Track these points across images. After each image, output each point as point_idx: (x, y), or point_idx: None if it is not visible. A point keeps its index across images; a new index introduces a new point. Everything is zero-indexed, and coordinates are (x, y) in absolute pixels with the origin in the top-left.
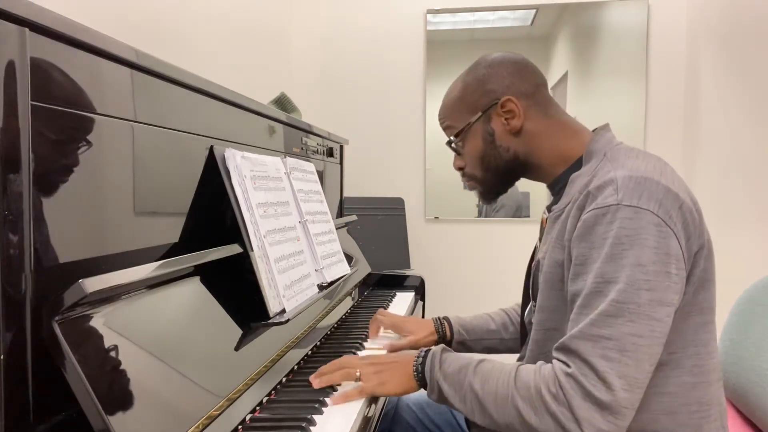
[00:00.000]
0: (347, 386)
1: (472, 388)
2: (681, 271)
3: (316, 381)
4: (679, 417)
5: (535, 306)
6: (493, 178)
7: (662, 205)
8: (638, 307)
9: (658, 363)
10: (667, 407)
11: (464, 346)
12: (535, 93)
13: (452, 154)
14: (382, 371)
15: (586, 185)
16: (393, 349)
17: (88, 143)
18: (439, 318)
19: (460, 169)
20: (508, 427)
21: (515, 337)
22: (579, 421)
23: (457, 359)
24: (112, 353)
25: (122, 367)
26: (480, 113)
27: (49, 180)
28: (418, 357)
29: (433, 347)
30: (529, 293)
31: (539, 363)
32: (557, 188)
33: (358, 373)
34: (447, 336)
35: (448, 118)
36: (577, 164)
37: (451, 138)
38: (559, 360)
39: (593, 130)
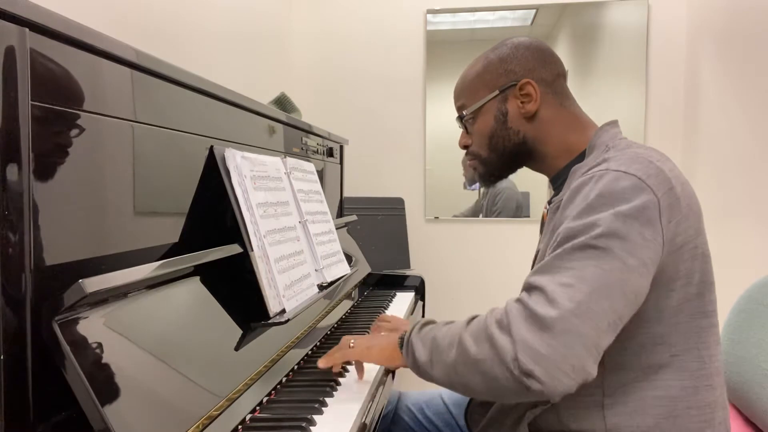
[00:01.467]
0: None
1: (435, 338)
2: (656, 243)
3: (321, 362)
4: (680, 421)
5: None
6: (497, 160)
7: (650, 176)
8: (610, 249)
9: (659, 364)
10: (669, 411)
11: None
12: (554, 82)
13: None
14: (372, 340)
15: (585, 172)
16: None
17: (88, 143)
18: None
19: (465, 147)
20: (454, 368)
21: None
22: (514, 341)
23: (433, 322)
24: (112, 353)
25: (122, 367)
26: (497, 91)
27: (49, 180)
28: (405, 331)
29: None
30: None
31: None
32: (558, 183)
33: (351, 343)
34: None
35: (464, 93)
36: (580, 157)
37: (464, 113)
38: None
39: (601, 126)
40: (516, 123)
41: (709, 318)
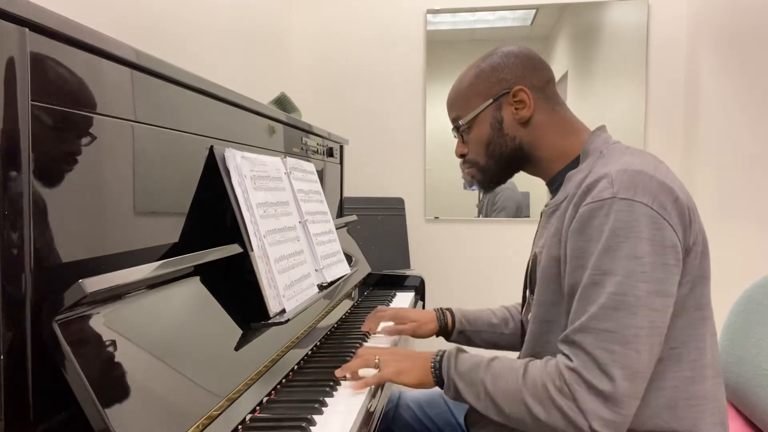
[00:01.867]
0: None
1: (484, 385)
2: (678, 262)
3: (339, 371)
4: (678, 411)
5: (532, 299)
6: (495, 166)
7: (656, 197)
8: (637, 299)
9: (660, 358)
10: (668, 401)
11: (464, 336)
12: (545, 87)
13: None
14: (401, 361)
15: (582, 180)
16: (394, 333)
17: (88, 143)
18: (441, 308)
19: (462, 156)
20: (521, 423)
21: (515, 333)
22: (585, 413)
23: (470, 357)
24: (112, 353)
25: (122, 367)
26: (491, 100)
27: (49, 180)
28: (436, 355)
29: (447, 349)
30: (527, 288)
31: (546, 358)
32: (555, 186)
33: (377, 360)
34: (449, 325)
35: (458, 103)
36: (575, 162)
37: (460, 123)
38: (563, 353)
39: (592, 131)
40: (511, 129)
41: (703, 311)
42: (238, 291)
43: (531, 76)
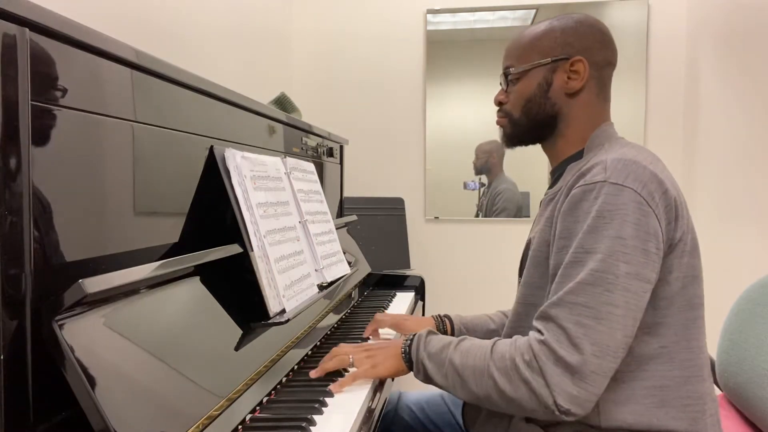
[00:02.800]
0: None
1: (452, 363)
2: (659, 251)
3: (313, 372)
4: (672, 411)
5: (520, 279)
6: (527, 124)
7: (646, 186)
8: (615, 278)
9: (650, 356)
10: (660, 401)
11: None
12: (604, 68)
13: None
14: (374, 355)
15: (579, 169)
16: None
17: (88, 143)
18: (440, 315)
19: (500, 103)
20: (488, 399)
21: None
22: (550, 387)
23: (440, 339)
24: (112, 353)
25: (122, 367)
26: (549, 60)
27: (48, 180)
28: (406, 340)
29: (418, 332)
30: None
31: (515, 336)
32: (556, 175)
33: (351, 359)
34: (447, 332)
35: (515, 52)
36: (579, 155)
37: (510, 71)
38: (535, 329)
39: (599, 127)
40: (556, 96)
41: (695, 311)
42: (238, 291)
43: (596, 52)
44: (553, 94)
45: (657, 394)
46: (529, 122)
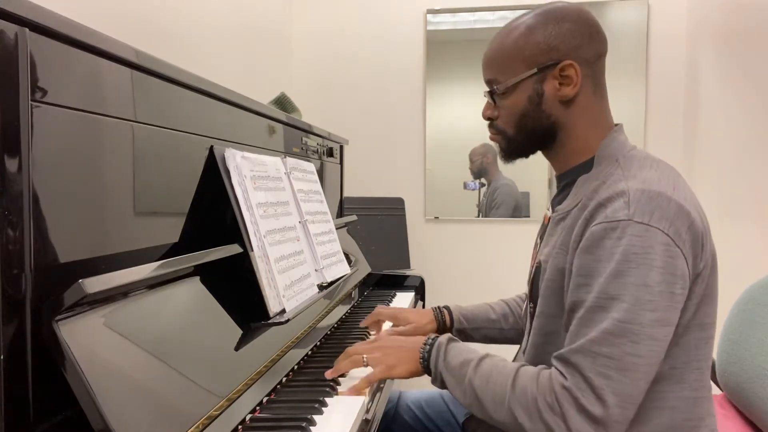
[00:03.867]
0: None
1: (472, 385)
2: (684, 290)
3: (328, 372)
4: (678, 431)
5: (533, 308)
6: (524, 140)
7: (673, 223)
8: (641, 327)
9: (660, 377)
10: (668, 422)
11: (463, 334)
12: (596, 62)
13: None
14: (390, 354)
15: (595, 190)
16: (395, 335)
17: (88, 143)
18: (438, 307)
19: (489, 119)
20: (503, 426)
21: (515, 328)
22: None
23: (460, 352)
24: (112, 353)
25: (122, 367)
26: (536, 69)
27: (48, 180)
28: (425, 344)
29: (439, 337)
30: (529, 301)
31: (539, 368)
32: (563, 183)
33: (365, 359)
34: (447, 324)
35: (497, 64)
36: (588, 164)
37: (495, 87)
38: (557, 370)
39: (608, 134)
40: (550, 106)
41: (706, 331)
42: (238, 291)
43: (585, 48)
44: (546, 106)
45: (666, 416)
46: (526, 137)
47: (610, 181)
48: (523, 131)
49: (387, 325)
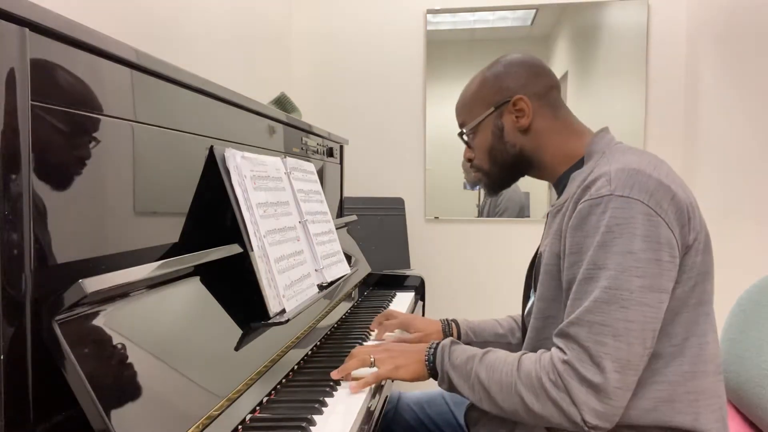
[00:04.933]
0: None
1: (478, 378)
2: (674, 259)
3: (335, 373)
4: (678, 405)
5: (535, 295)
6: (499, 172)
7: (653, 195)
8: (630, 293)
9: (660, 354)
10: (667, 396)
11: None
12: (547, 94)
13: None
14: (396, 357)
15: (584, 180)
16: (401, 342)
17: (88, 143)
18: (447, 319)
19: (469, 160)
20: (514, 414)
21: (522, 342)
22: (577, 405)
23: (464, 351)
24: (112, 353)
25: (122, 367)
26: (493, 108)
27: (48, 180)
28: (429, 348)
29: (442, 340)
30: (530, 287)
31: (540, 351)
32: (560, 187)
33: (372, 359)
34: (454, 336)
35: (464, 110)
36: (579, 163)
37: (464, 129)
38: (557, 346)
39: (596, 133)
40: (512, 137)
41: (705, 306)
42: (238, 291)
43: (532, 84)
44: (509, 137)
45: (666, 389)
46: (500, 169)
47: (596, 168)
48: (496, 163)
49: (392, 335)
